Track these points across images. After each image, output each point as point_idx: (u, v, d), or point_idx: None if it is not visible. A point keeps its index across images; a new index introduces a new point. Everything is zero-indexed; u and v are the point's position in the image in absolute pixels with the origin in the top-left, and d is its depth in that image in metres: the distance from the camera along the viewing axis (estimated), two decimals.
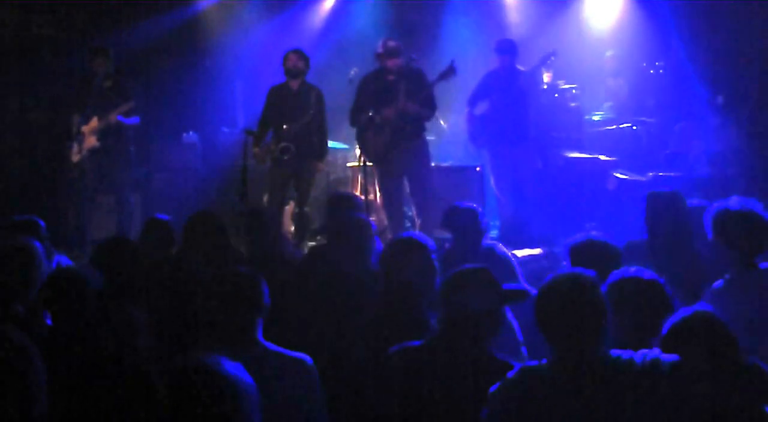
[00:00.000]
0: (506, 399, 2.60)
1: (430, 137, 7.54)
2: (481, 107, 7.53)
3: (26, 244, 3.62)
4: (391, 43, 6.99)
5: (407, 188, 7.21)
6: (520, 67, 7.48)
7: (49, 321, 3.37)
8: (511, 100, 7.33)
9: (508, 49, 7.44)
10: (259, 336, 3.08)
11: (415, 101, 6.89)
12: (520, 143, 7.44)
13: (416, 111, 6.92)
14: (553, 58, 7.33)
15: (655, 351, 2.61)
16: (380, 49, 6.96)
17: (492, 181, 7.68)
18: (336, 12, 9.70)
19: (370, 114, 6.92)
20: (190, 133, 9.15)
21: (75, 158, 7.27)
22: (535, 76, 7.47)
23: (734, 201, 3.73)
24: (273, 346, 3.08)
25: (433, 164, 7.46)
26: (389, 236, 7.19)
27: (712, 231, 3.73)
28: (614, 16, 9.19)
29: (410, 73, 7.02)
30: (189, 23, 9.45)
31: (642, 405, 2.50)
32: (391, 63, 6.94)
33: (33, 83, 8.66)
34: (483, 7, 9.38)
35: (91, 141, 7.21)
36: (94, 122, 7.20)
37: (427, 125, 7.21)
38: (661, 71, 8.88)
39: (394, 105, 6.89)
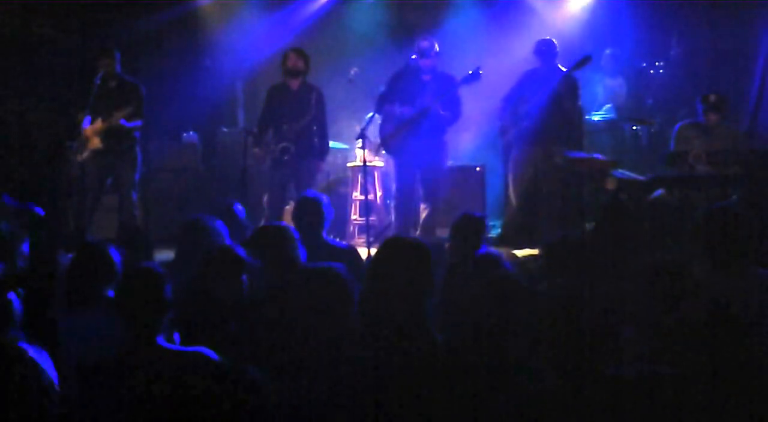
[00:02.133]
0: None
1: (445, 138, 7.50)
2: (519, 104, 7.53)
3: None
4: (424, 44, 7.03)
5: (418, 185, 7.20)
6: (562, 68, 7.45)
7: None
8: (548, 101, 7.32)
9: (547, 50, 7.43)
10: (159, 338, 3.07)
11: (440, 102, 6.91)
12: (548, 143, 7.39)
13: (438, 111, 6.93)
14: (588, 61, 7.25)
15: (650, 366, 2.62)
16: (415, 50, 7.02)
17: (510, 177, 7.65)
18: (336, 11, 9.70)
19: (395, 106, 6.97)
20: (190, 133, 9.14)
21: (79, 157, 7.25)
22: (572, 77, 7.41)
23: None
24: (171, 345, 3.10)
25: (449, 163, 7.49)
26: (392, 232, 7.19)
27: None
28: (614, 15, 9.17)
29: (441, 75, 7.05)
30: (188, 22, 9.44)
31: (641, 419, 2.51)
32: (423, 63, 6.99)
33: (33, 83, 8.66)
34: (482, 7, 9.38)
35: (95, 142, 7.20)
36: (99, 124, 7.20)
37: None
38: (661, 71, 8.88)
39: (418, 102, 6.93)
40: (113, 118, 7.11)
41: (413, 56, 7.03)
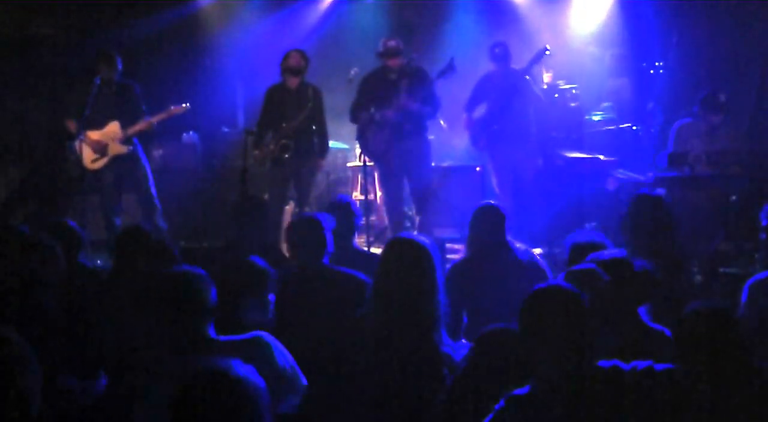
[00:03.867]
0: None
1: (429, 137, 7.54)
2: (480, 110, 7.55)
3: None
4: (391, 43, 7.05)
5: (407, 188, 7.22)
6: (515, 67, 7.49)
7: None
8: (509, 101, 7.35)
9: (500, 51, 7.48)
10: (211, 332, 3.02)
11: (417, 99, 6.92)
12: (521, 142, 7.45)
13: (417, 109, 6.94)
14: (546, 53, 7.33)
15: (648, 362, 2.61)
16: (380, 49, 7.04)
17: (494, 181, 7.68)
18: (336, 11, 9.70)
19: (371, 112, 6.95)
20: (190, 133, 9.14)
21: (96, 164, 7.15)
22: (528, 73, 7.46)
23: None
24: (225, 337, 3.04)
25: (432, 164, 7.48)
26: (389, 235, 7.20)
27: None
28: (615, 15, 9.18)
29: (412, 71, 7.06)
30: (188, 22, 9.45)
31: (638, 415, 2.50)
32: (392, 62, 7.00)
33: (33, 83, 8.66)
34: (483, 7, 9.38)
35: (118, 148, 7.18)
36: (116, 129, 7.16)
37: (428, 124, 7.23)
38: (661, 71, 8.87)
39: (394, 103, 6.92)
40: (149, 122, 7.17)
41: (381, 51, 7.04)
